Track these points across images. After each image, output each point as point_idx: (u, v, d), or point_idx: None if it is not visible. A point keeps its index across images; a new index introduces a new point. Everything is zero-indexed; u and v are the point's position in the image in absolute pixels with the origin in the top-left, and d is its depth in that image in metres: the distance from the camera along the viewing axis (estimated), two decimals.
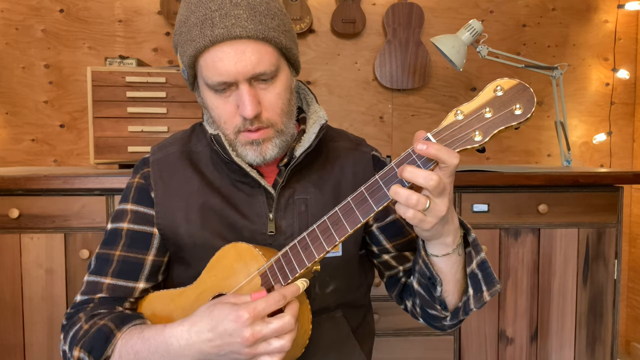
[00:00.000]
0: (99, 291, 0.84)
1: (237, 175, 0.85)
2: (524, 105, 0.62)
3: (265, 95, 0.78)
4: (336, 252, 0.86)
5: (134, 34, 2.32)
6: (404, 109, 2.43)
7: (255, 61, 0.74)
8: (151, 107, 1.75)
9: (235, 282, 0.77)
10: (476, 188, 1.64)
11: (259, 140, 0.79)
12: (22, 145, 2.31)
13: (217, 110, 0.80)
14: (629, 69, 2.44)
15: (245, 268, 0.76)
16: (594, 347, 1.69)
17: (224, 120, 0.80)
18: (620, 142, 2.49)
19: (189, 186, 0.85)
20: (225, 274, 0.78)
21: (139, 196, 0.88)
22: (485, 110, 0.64)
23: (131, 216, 0.87)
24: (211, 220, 0.84)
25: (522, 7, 2.43)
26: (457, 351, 1.67)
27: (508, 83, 0.63)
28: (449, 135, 0.65)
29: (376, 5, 2.37)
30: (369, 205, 0.67)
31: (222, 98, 0.78)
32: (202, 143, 0.90)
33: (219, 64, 0.74)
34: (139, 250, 0.86)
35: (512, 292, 1.67)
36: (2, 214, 1.54)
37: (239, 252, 0.77)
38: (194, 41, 0.75)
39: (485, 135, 0.64)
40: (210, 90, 0.78)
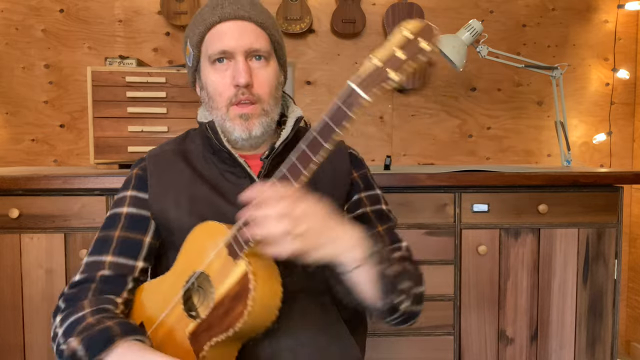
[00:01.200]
0: (100, 269, 0.87)
1: (225, 165, 0.93)
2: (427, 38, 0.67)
3: (258, 72, 0.90)
4: None
5: (134, 34, 2.32)
6: (404, 109, 2.43)
7: (253, 39, 0.89)
8: (151, 107, 1.75)
9: (207, 258, 0.80)
10: (476, 188, 1.64)
11: (248, 115, 0.89)
12: (22, 145, 2.31)
13: (214, 85, 0.90)
14: (629, 69, 2.44)
15: (214, 244, 0.80)
16: (594, 347, 1.69)
17: (219, 92, 0.89)
18: (620, 142, 2.49)
19: (180, 177, 0.93)
20: (197, 252, 0.82)
21: (137, 183, 0.95)
22: (397, 52, 0.69)
23: (130, 200, 0.94)
24: (199, 206, 0.90)
25: (522, 7, 2.43)
26: (457, 351, 1.67)
27: (414, 26, 0.68)
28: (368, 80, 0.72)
29: (376, 5, 2.37)
30: (309, 156, 0.73)
31: (219, 71, 0.89)
32: (195, 143, 0.99)
33: (223, 36, 0.88)
34: (137, 231, 0.92)
35: (512, 292, 1.67)
36: (2, 214, 1.54)
37: (208, 229, 0.82)
38: (205, 20, 0.89)
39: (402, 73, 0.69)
40: (211, 65, 0.90)
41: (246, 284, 0.74)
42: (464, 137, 2.46)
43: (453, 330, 1.66)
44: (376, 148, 2.41)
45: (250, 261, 0.76)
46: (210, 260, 0.80)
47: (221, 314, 0.77)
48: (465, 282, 1.66)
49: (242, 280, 0.75)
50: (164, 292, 0.86)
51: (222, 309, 0.77)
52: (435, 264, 1.64)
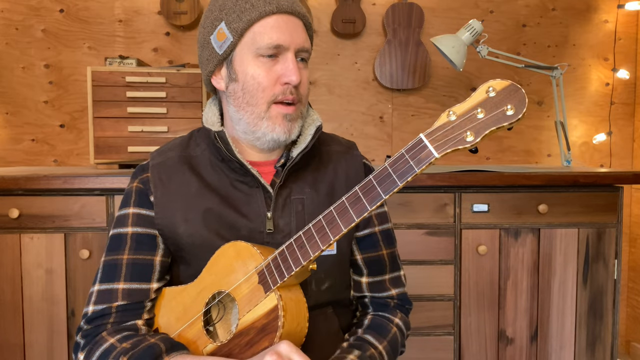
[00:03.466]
0: (114, 299, 0.82)
1: (236, 174, 0.87)
2: (515, 105, 0.63)
3: (302, 72, 0.86)
4: (331, 250, 0.88)
5: (134, 34, 2.32)
6: (404, 109, 2.43)
7: (305, 37, 0.85)
8: (151, 107, 1.75)
9: (234, 280, 0.78)
10: (476, 188, 1.64)
11: (292, 116, 0.85)
12: (22, 145, 2.31)
13: (257, 79, 0.83)
14: (629, 69, 2.44)
15: (243, 266, 0.77)
16: (594, 347, 1.69)
17: (263, 87, 0.82)
18: (620, 142, 2.49)
19: (188, 188, 0.87)
20: (224, 271, 0.80)
21: (139, 200, 0.88)
22: (477, 111, 0.64)
23: (134, 219, 0.87)
24: (210, 219, 0.85)
25: (522, 7, 2.43)
26: (457, 351, 1.67)
27: (500, 84, 0.64)
28: (441, 135, 0.66)
29: (376, 5, 2.37)
30: (363, 204, 0.69)
31: (267, 65, 0.82)
32: (200, 147, 0.91)
33: (278, 29, 0.82)
34: (146, 252, 0.86)
35: (512, 292, 1.67)
36: (2, 214, 1.54)
37: (238, 250, 0.79)
38: (257, 8, 0.81)
39: (477, 136, 0.64)
40: (257, 58, 0.82)
41: (275, 320, 0.72)
42: None
43: (453, 330, 1.66)
44: (376, 148, 2.41)
45: (282, 295, 0.73)
46: (239, 283, 0.77)
47: (243, 343, 0.75)
48: (465, 282, 1.66)
49: (271, 315, 0.73)
50: (185, 304, 0.83)
51: (245, 339, 0.75)
52: (435, 264, 1.64)
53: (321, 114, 2.39)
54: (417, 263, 1.63)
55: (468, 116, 0.65)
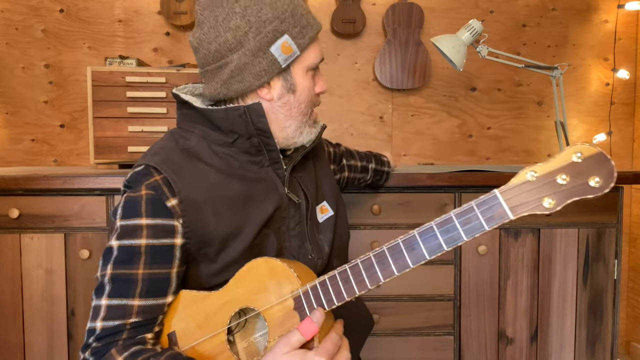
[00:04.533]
0: (128, 316, 0.77)
1: (247, 155, 0.89)
2: (602, 178, 0.59)
3: None
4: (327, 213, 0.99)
5: (134, 34, 2.32)
6: (404, 109, 2.43)
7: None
8: (151, 107, 1.75)
9: (266, 300, 0.76)
10: (476, 188, 1.64)
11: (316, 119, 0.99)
12: (22, 145, 2.31)
13: (306, 91, 0.93)
14: (629, 69, 2.44)
15: (277, 287, 0.75)
16: (594, 347, 1.69)
17: (311, 98, 0.95)
18: (620, 142, 2.49)
19: (207, 179, 0.84)
20: (254, 288, 0.77)
21: (152, 208, 0.80)
22: (560, 175, 0.61)
23: (148, 231, 0.79)
24: (237, 206, 0.85)
25: (522, 7, 2.43)
26: (457, 351, 1.67)
27: (589, 150, 0.59)
28: (518, 196, 0.62)
29: (376, 5, 2.37)
30: (421, 252, 0.67)
31: (309, 78, 0.94)
32: (192, 140, 0.89)
33: (318, 46, 0.94)
34: (163, 265, 0.80)
35: (512, 292, 1.67)
36: (2, 214, 1.54)
37: (272, 268, 0.77)
38: (313, 26, 0.91)
39: (557, 204, 0.62)
40: (307, 72, 0.93)
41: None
42: (464, 137, 2.46)
43: (453, 330, 1.66)
44: (376, 148, 2.41)
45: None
46: (272, 305, 0.75)
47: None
48: (465, 282, 1.65)
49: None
50: (207, 312, 0.80)
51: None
52: (435, 264, 1.64)
53: (321, 114, 2.39)
54: None
55: (549, 180, 0.61)
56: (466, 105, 2.45)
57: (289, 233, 0.91)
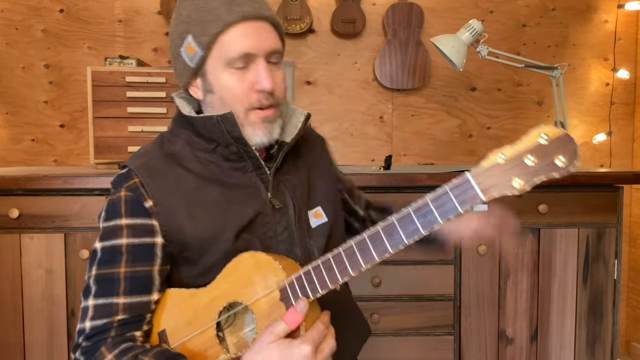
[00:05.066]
0: (115, 313, 0.79)
1: (230, 162, 0.88)
2: (567, 157, 0.61)
3: (275, 74, 0.85)
4: (321, 219, 0.94)
5: (134, 34, 2.32)
6: (404, 109, 2.43)
7: (274, 39, 0.85)
8: (151, 107, 1.75)
9: (253, 293, 0.77)
10: None
11: (270, 118, 0.85)
12: (22, 145, 2.31)
13: (232, 90, 0.83)
14: (629, 69, 2.44)
15: (263, 280, 0.76)
16: (594, 347, 1.69)
17: (238, 98, 0.83)
18: (620, 142, 2.49)
19: (185, 184, 0.85)
20: (241, 282, 0.78)
21: (131, 209, 0.83)
22: (527, 157, 0.63)
23: (128, 231, 0.82)
24: (215, 211, 0.85)
25: (522, 7, 2.43)
26: (457, 351, 1.67)
27: (554, 132, 0.62)
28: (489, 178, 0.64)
29: (376, 5, 2.37)
30: (399, 236, 0.68)
31: (238, 75, 0.83)
32: (178, 144, 0.90)
33: (244, 38, 0.81)
34: (145, 263, 0.82)
35: (512, 292, 1.67)
36: (2, 214, 1.54)
37: (258, 262, 0.77)
38: (220, 19, 0.81)
39: (526, 184, 0.63)
40: (228, 69, 0.83)
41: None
42: (464, 137, 2.46)
43: (453, 330, 1.66)
44: (376, 148, 2.41)
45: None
46: (258, 298, 0.76)
47: None
48: (465, 282, 1.65)
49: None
50: (196, 308, 0.81)
51: None
52: (435, 264, 1.64)
53: (321, 114, 2.39)
54: (417, 263, 1.63)
55: (518, 162, 0.63)
56: (466, 105, 2.45)
57: (276, 238, 0.88)
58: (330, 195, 0.99)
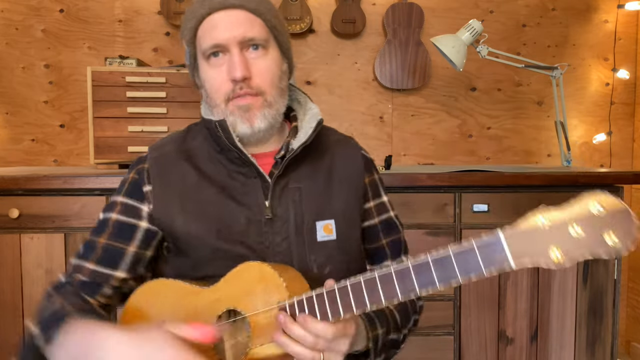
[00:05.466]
0: (80, 274, 0.86)
1: (234, 165, 0.88)
2: (620, 236, 0.51)
3: (256, 63, 0.84)
4: (331, 235, 0.88)
5: (134, 34, 2.32)
6: (404, 109, 2.43)
7: (247, 27, 0.83)
8: (151, 107, 1.75)
9: (252, 306, 0.76)
10: (476, 188, 1.64)
11: (247, 106, 0.84)
12: (22, 145, 2.31)
13: (211, 81, 0.85)
14: (629, 69, 2.44)
15: (265, 294, 0.75)
16: (594, 347, 1.69)
17: (216, 89, 0.84)
18: (620, 142, 2.49)
19: (186, 180, 0.88)
20: (243, 290, 0.77)
21: (131, 189, 0.90)
22: (573, 225, 0.54)
23: (120, 208, 0.89)
24: (207, 210, 0.86)
25: (522, 7, 2.43)
26: (457, 351, 1.67)
27: (610, 203, 0.52)
28: (524, 242, 0.55)
29: (376, 5, 2.37)
30: (411, 283, 0.64)
31: (215, 67, 0.84)
32: (198, 140, 0.92)
33: (214, 29, 0.83)
34: (122, 241, 0.88)
35: (512, 292, 1.67)
36: (2, 214, 1.54)
37: (263, 274, 0.76)
38: (195, 14, 0.84)
39: (566, 259, 0.53)
40: (205, 61, 0.85)
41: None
42: (464, 137, 2.46)
43: (453, 330, 1.66)
44: (376, 148, 2.41)
45: None
46: (258, 313, 0.75)
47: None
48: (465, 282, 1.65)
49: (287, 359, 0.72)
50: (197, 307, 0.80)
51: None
52: None
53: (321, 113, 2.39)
54: None
55: (561, 229, 0.54)
56: (466, 105, 2.45)
57: (273, 249, 0.85)
58: (349, 212, 0.91)
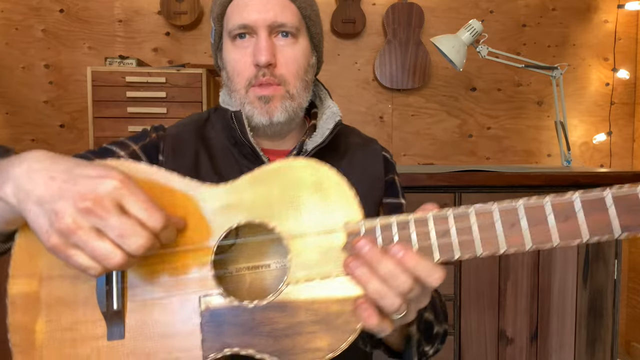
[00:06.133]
0: None
1: (247, 161, 0.83)
2: None
3: (283, 51, 0.79)
4: None
5: (134, 34, 2.32)
6: (404, 109, 2.43)
7: (278, 11, 0.78)
8: (151, 107, 1.75)
9: (295, 222, 0.52)
10: (476, 188, 1.64)
11: (268, 97, 0.78)
12: (22, 145, 2.31)
13: (233, 63, 0.79)
14: (629, 69, 2.44)
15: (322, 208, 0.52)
16: (594, 347, 1.69)
17: (238, 72, 0.79)
18: (620, 142, 2.49)
19: (197, 168, 0.82)
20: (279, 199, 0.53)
21: (149, 147, 0.84)
22: None
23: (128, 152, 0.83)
24: None
25: (522, 7, 2.43)
26: (457, 351, 1.67)
27: None
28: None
29: (376, 5, 2.37)
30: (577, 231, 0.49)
31: (240, 48, 0.79)
32: (215, 129, 0.87)
33: (243, 8, 0.77)
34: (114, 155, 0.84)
35: (512, 292, 1.67)
36: None
37: (321, 181, 0.53)
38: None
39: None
40: (231, 42, 0.79)
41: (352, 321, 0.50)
42: (464, 137, 2.46)
43: (453, 330, 1.66)
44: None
45: None
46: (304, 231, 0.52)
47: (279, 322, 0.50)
48: (465, 282, 1.65)
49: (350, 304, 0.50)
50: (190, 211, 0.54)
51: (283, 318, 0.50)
52: None
53: None
54: None
55: None
56: (466, 105, 2.45)
57: None
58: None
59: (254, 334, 0.50)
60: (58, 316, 0.54)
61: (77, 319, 0.53)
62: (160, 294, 0.53)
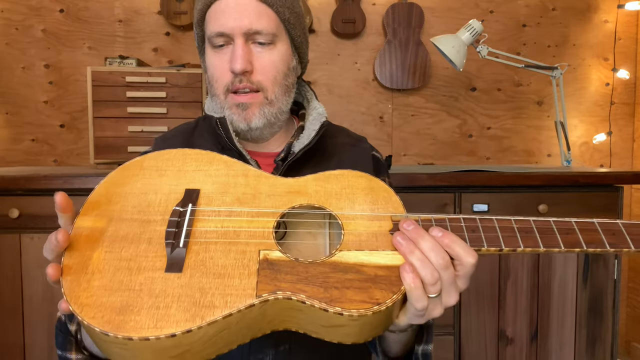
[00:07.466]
0: None
1: None
2: None
3: (260, 58, 0.79)
4: None
5: (134, 34, 2.32)
6: (404, 109, 2.43)
7: (254, 18, 0.77)
8: (151, 107, 1.75)
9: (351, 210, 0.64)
10: (476, 188, 1.64)
11: (246, 104, 0.79)
12: (22, 145, 2.31)
13: (212, 69, 0.81)
14: (629, 69, 2.44)
15: (373, 204, 0.64)
16: (594, 347, 1.69)
17: (216, 78, 0.80)
18: (620, 142, 2.50)
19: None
20: (339, 193, 0.66)
21: None
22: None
23: None
24: None
25: (522, 7, 2.43)
26: (457, 351, 1.67)
27: None
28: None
29: (376, 5, 2.37)
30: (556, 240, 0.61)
31: (219, 55, 0.80)
32: (204, 137, 0.88)
33: (220, 15, 0.77)
34: None
35: (512, 292, 1.67)
36: (2, 214, 1.54)
37: (373, 186, 0.66)
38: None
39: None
40: (210, 48, 0.81)
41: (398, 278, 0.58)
42: (464, 137, 2.46)
43: (453, 330, 1.66)
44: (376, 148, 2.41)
45: None
46: (357, 214, 0.63)
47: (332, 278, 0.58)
48: None
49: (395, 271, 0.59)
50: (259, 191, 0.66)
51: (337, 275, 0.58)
52: None
53: None
54: None
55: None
56: (466, 105, 2.45)
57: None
58: None
59: (307, 282, 0.57)
60: (120, 249, 0.60)
61: (139, 253, 0.60)
62: (224, 242, 0.60)
